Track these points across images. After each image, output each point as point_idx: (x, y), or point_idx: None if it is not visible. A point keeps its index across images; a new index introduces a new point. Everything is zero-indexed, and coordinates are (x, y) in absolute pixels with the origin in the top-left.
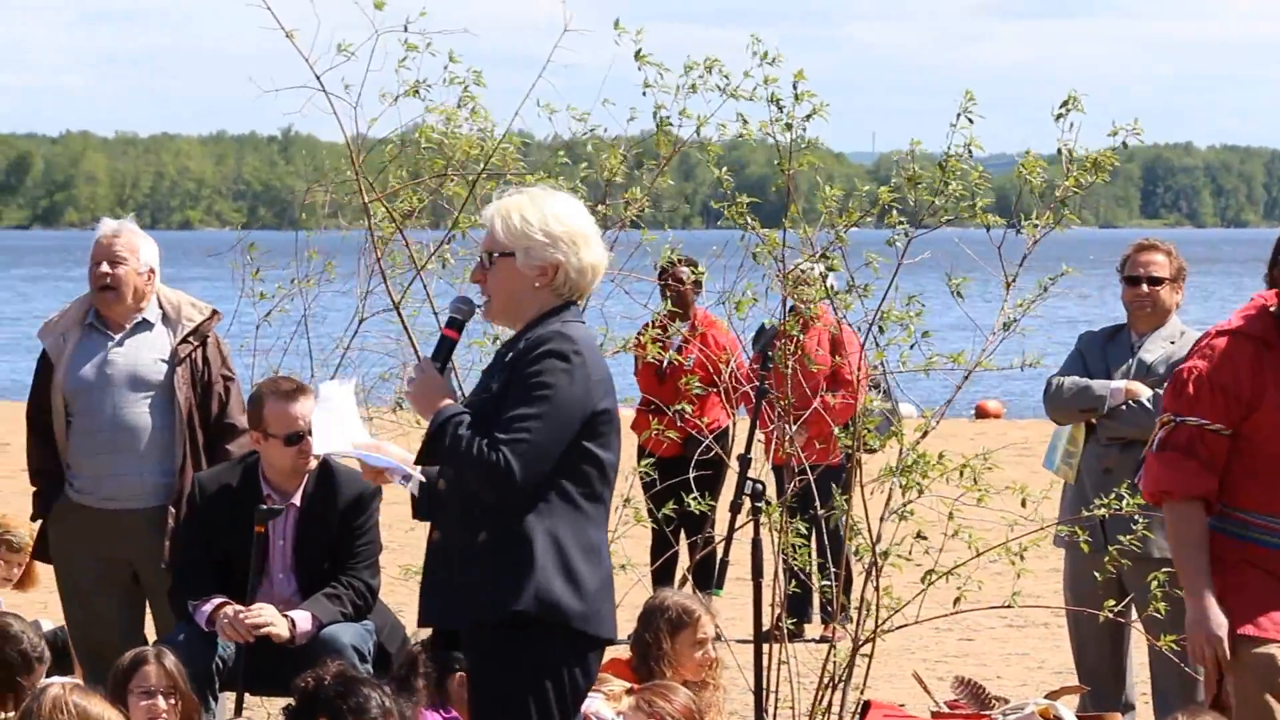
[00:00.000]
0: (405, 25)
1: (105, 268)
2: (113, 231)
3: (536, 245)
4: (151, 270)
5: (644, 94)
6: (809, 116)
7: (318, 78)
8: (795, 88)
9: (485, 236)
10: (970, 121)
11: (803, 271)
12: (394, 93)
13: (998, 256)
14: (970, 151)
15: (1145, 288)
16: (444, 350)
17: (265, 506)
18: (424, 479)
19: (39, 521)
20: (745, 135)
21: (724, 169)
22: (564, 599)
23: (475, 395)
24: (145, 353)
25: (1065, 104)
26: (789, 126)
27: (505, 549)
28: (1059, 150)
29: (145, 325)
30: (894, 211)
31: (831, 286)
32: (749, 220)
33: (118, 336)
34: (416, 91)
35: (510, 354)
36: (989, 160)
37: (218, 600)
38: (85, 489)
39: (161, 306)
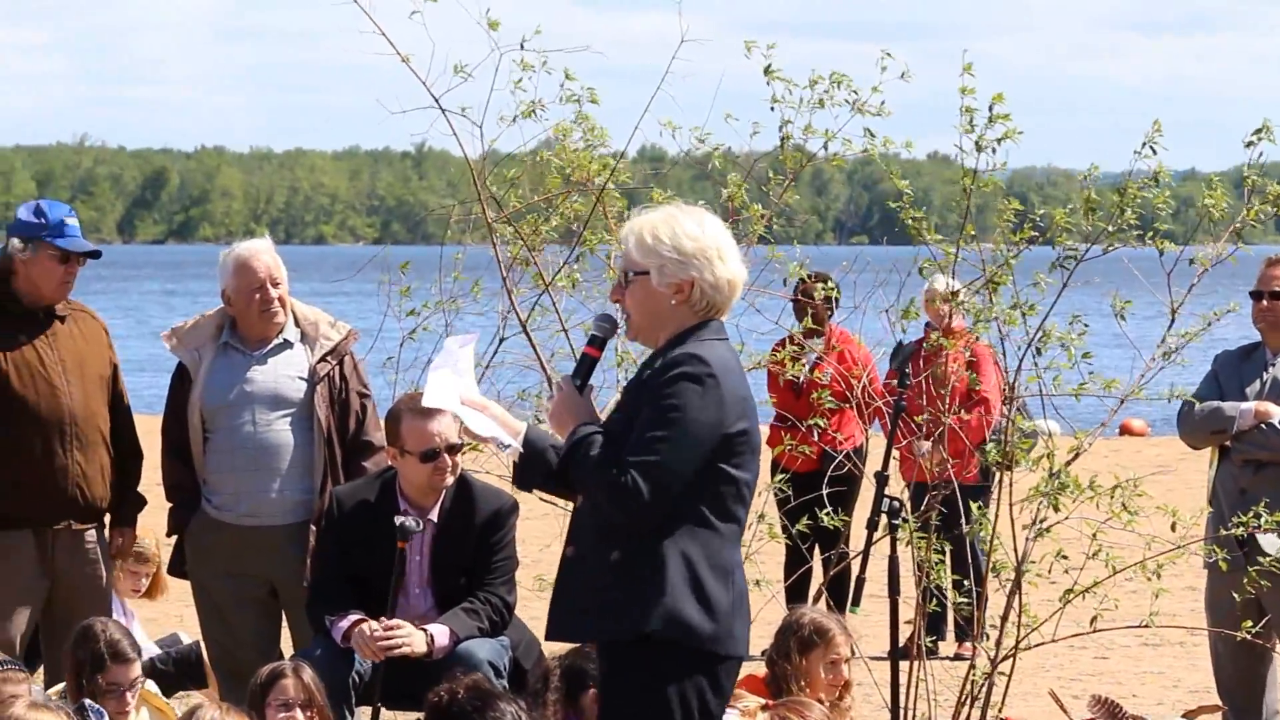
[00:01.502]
0: (522, 44)
1: (270, 291)
2: (258, 251)
3: (670, 263)
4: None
5: (771, 109)
6: (1001, 140)
7: (436, 100)
8: (990, 109)
9: (622, 256)
10: (1154, 151)
11: (940, 291)
12: (511, 113)
13: (1155, 274)
14: (1158, 180)
15: (1266, 302)
16: (584, 368)
17: (406, 520)
18: (521, 448)
19: (173, 537)
20: (871, 151)
21: (903, 181)
22: (695, 620)
23: (612, 415)
24: (285, 371)
25: (1258, 131)
26: (979, 147)
27: (638, 568)
28: (1244, 179)
29: (286, 345)
30: (1063, 234)
31: (996, 305)
32: (923, 232)
33: (258, 355)
34: (533, 112)
35: (647, 373)
36: (1116, 177)
37: (354, 616)
38: (225, 506)
39: (299, 325)
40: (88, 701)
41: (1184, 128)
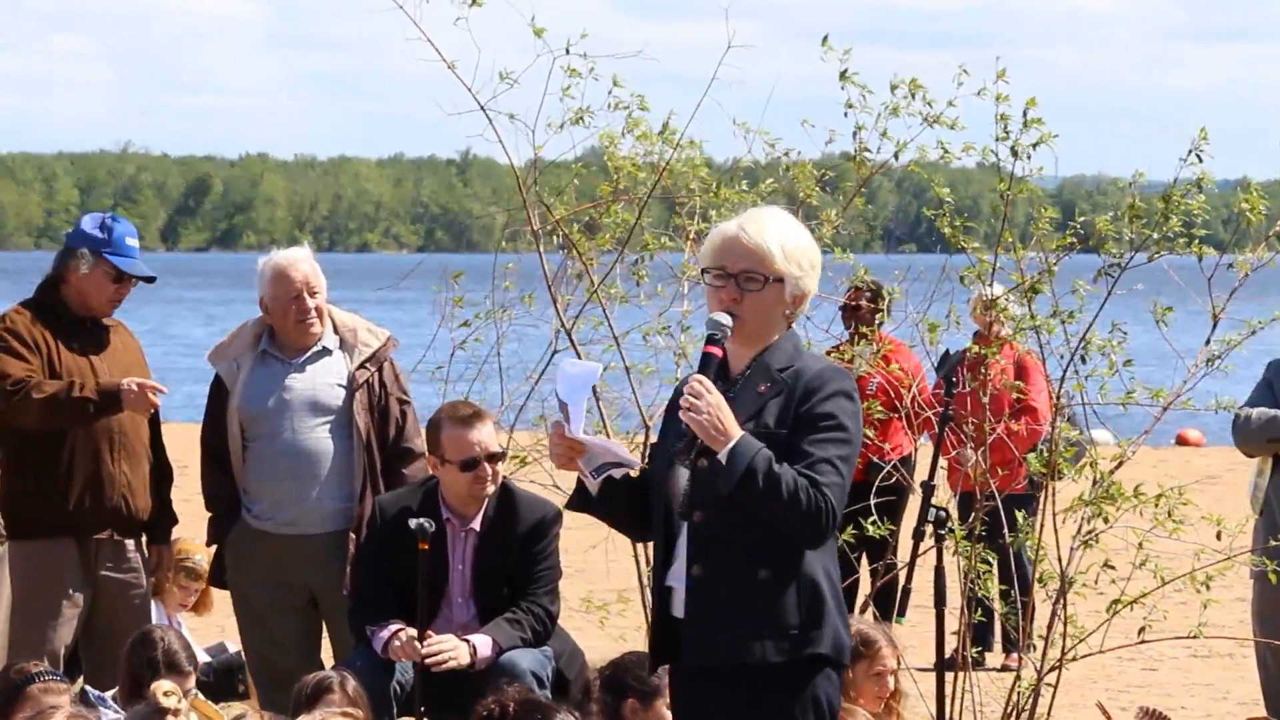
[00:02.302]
0: (567, 49)
1: (307, 301)
2: (295, 261)
3: (805, 275)
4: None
5: (845, 115)
6: (1036, 145)
7: (482, 106)
8: (1025, 115)
9: (748, 256)
10: (1199, 159)
11: (1005, 300)
12: (559, 119)
13: (1200, 281)
14: (1201, 188)
15: None
16: (713, 367)
17: (422, 521)
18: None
19: (213, 546)
20: (946, 160)
21: (943, 190)
22: (846, 639)
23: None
24: (323, 378)
25: None
26: (1015, 153)
27: (796, 588)
28: None
29: (324, 352)
30: (1108, 241)
31: (1035, 312)
32: (962, 241)
33: (296, 362)
34: (580, 119)
35: (769, 384)
36: (1164, 185)
37: (394, 626)
38: (264, 514)
39: (338, 332)
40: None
41: (1237, 135)
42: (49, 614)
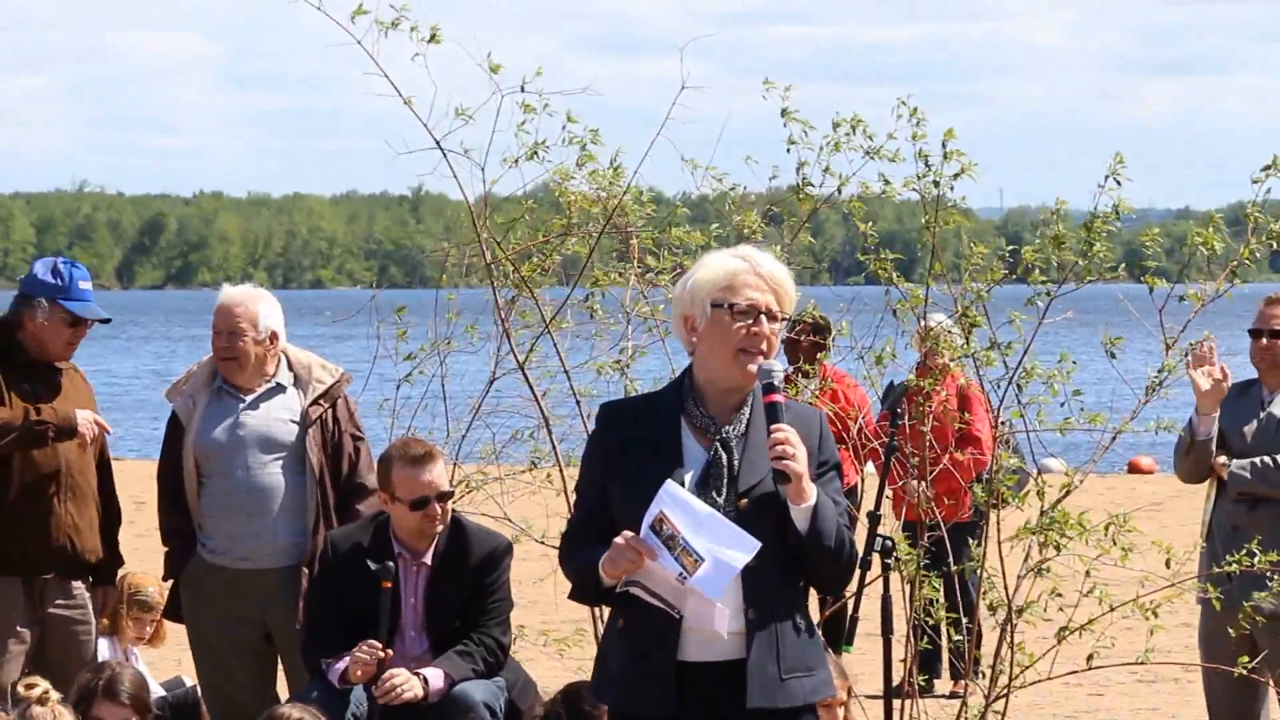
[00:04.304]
0: (523, 86)
1: (225, 340)
2: (233, 301)
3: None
4: (274, 335)
5: (788, 151)
6: (957, 175)
7: (437, 142)
8: (944, 146)
9: (769, 292)
10: (1118, 184)
11: (946, 330)
12: (514, 154)
13: (1137, 310)
14: (1118, 213)
15: (1266, 340)
16: (781, 418)
17: (383, 564)
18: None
19: (169, 581)
20: (888, 195)
21: (867, 224)
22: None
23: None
24: (276, 415)
25: (1267, 168)
26: (936, 184)
27: (811, 632)
28: (1247, 215)
29: (278, 389)
30: (1036, 270)
31: (972, 344)
32: (892, 275)
33: (249, 399)
34: (535, 154)
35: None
36: (1124, 216)
37: (349, 658)
38: (218, 549)
39: (292, 368)
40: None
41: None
42: None
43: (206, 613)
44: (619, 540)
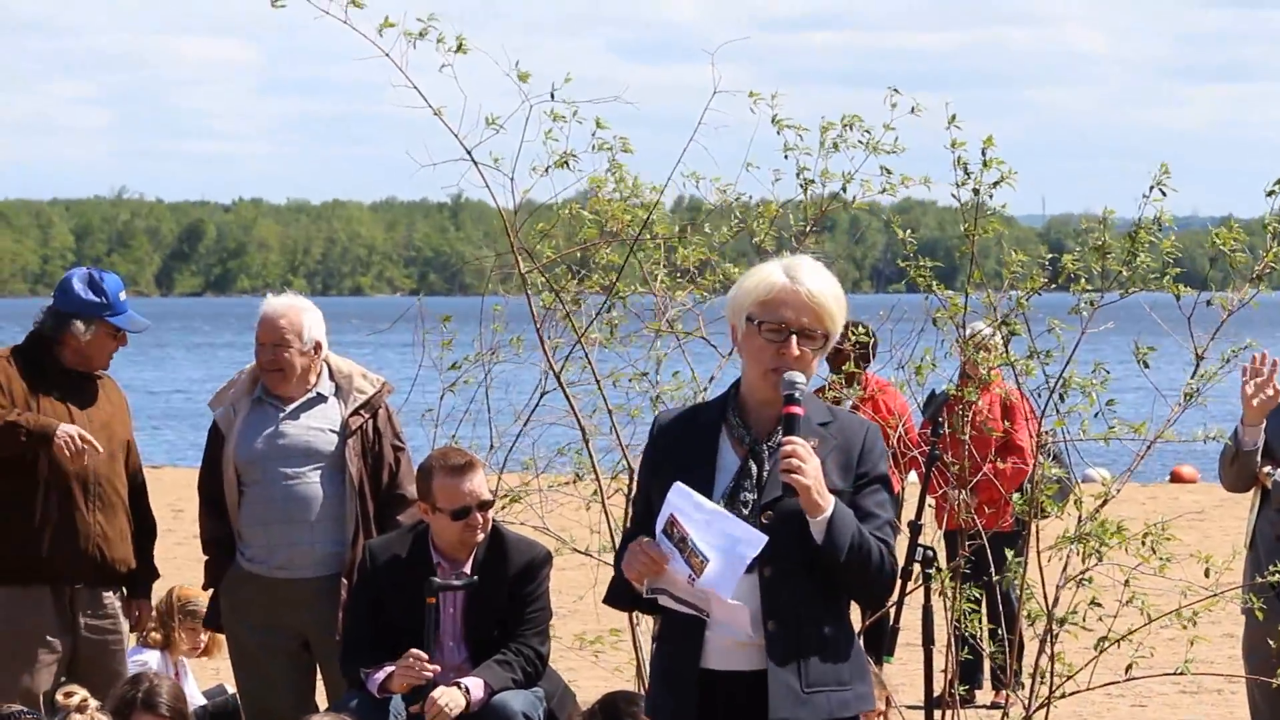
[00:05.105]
0: (552, 94)
1: (270, 353)
2: (278, 313)
3: (840, 326)
4: (318, 345)
5: (785, 157)
6: (996, 184)
7: (468, 152)
8: (984, 154)
9: (808, 311)
10: (1163, 194)
11: (984, 337)
12: (544, 163)
13: (1183, 321)
14: (1160, 225)
15: None
16: (799, 430)
17: (439, 580)
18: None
19: (209, 590)
20: (889, 190)
21: (906, 231)
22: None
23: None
24: (317, 424)
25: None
26: (976, 191)
27: (847, 643)
28: (1265, 225)
29: (319, 399)
30: (1080, 279)
31: (1011, 353)
32: (932, 283)
33: (289, 409)
34: (565, 163)
35: (818, 441)
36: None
37: (390, 668)
38: (257, 558)
39: (333, 378)
40: None
41: (1226, 173)
42: (26, 661)
43: (245, 621)
44: (633, 545)
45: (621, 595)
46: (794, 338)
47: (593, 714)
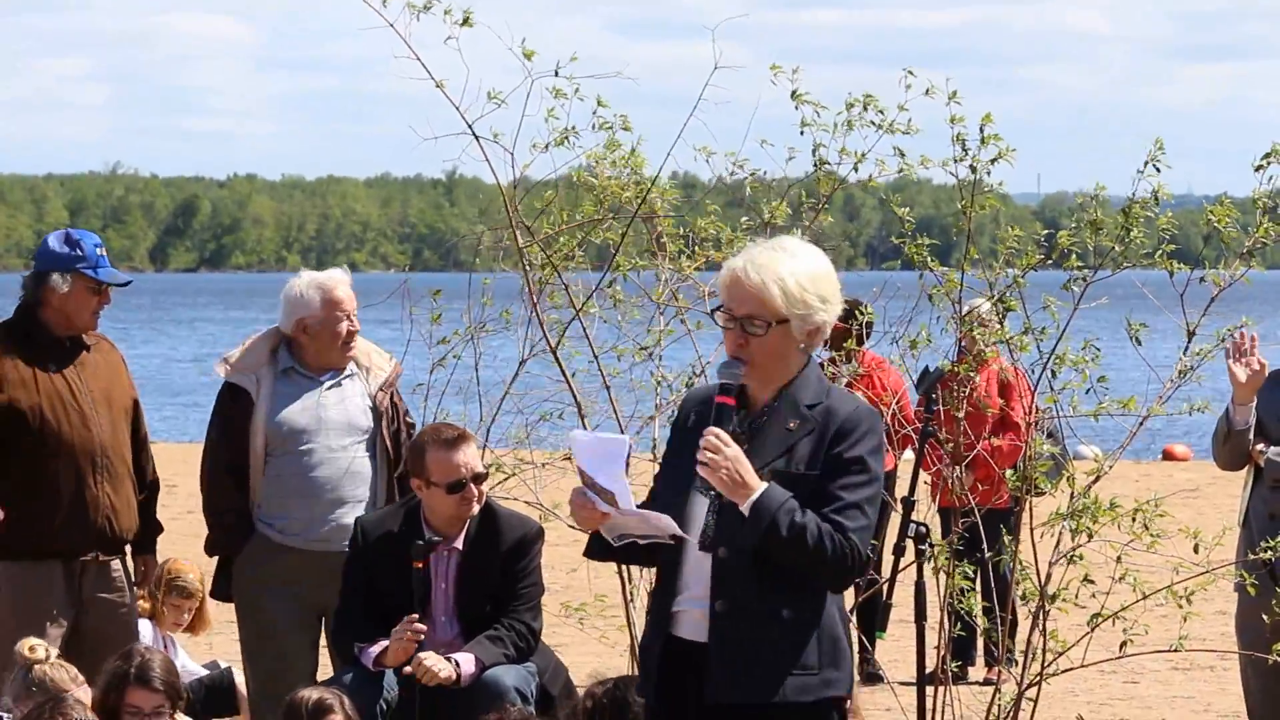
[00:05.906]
0: (556, 71)
1: (347, 325)
2: (343, 281)
3: (813, 310)
4: None
5: (801, 133)
6: (994, 160)
7: (469, 126)
8: (982, 131)
9: (749, 300)
10: (1157, 170)
11: (981, 314)
12: (544, 140)
13: (1176, 297)
14: (1157, 199)
15: None
16: (729, 419)
17: (420, 541)
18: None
19: (216, 560)
20: (905, 170)
21: (904, 209)
22: (852, 678)
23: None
24: (353, 400)
25: (1268, 156)
26: (973, 168)
27: (818, 627)
28: (1254, 201)
29: (351, 374)
30: (1073, 255)
31: (1006, 329)
32: (928, 260)
33: (327, 381)
34: (565, 139)
35: (799, 421)
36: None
37: (385, 642)
38: (292, 530)
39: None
40: None
41: (1220, 151)
42: (33, 634)
43: (268, 593)
44: (570, 501)
45: (596, 548)
46: (738, 324)
47: (600, 706)
